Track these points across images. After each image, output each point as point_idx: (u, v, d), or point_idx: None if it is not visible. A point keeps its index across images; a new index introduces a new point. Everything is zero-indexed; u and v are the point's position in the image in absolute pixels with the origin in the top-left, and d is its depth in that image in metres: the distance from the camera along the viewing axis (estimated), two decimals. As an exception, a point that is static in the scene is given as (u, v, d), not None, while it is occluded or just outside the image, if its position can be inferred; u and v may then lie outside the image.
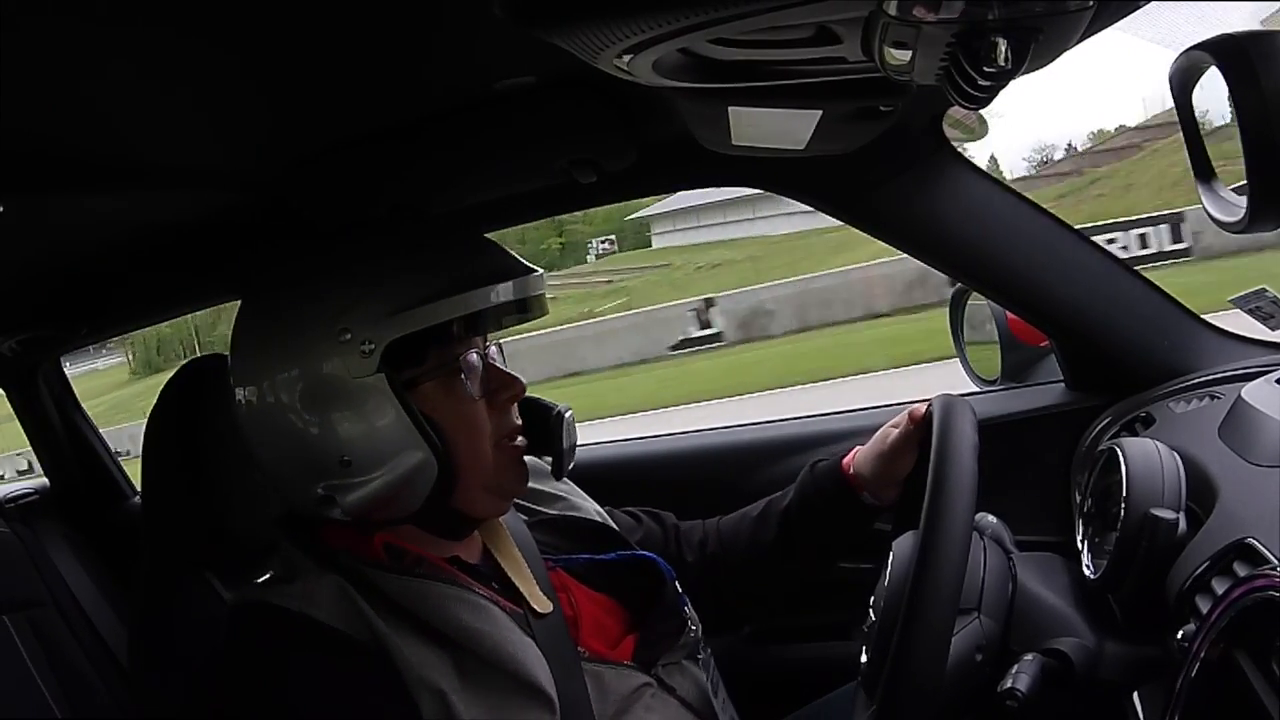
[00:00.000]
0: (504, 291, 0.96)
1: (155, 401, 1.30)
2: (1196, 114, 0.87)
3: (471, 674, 0.91)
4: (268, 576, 1.03)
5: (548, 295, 1.04)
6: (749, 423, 1.79)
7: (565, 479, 1.20)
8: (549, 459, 1.10)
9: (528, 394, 1.04)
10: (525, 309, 1.00)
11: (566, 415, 1.09)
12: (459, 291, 0.94)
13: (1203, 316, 1.40)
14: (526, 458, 1.05)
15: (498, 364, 1.02)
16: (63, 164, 0.98)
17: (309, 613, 0.90)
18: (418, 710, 0.88)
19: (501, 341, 1.07)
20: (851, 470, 1.20)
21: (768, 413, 1.82)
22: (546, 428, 1.08)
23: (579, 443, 1.13)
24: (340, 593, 0.91)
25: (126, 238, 1.33)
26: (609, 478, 1.47)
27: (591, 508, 1.23)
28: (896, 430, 1.17)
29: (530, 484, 1.08)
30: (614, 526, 1.22)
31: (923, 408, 1.13)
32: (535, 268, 1.02)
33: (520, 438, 1.03)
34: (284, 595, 0.93)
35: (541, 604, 1.02)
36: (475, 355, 0.99)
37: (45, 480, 1.98)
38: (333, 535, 0.99)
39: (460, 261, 0.98)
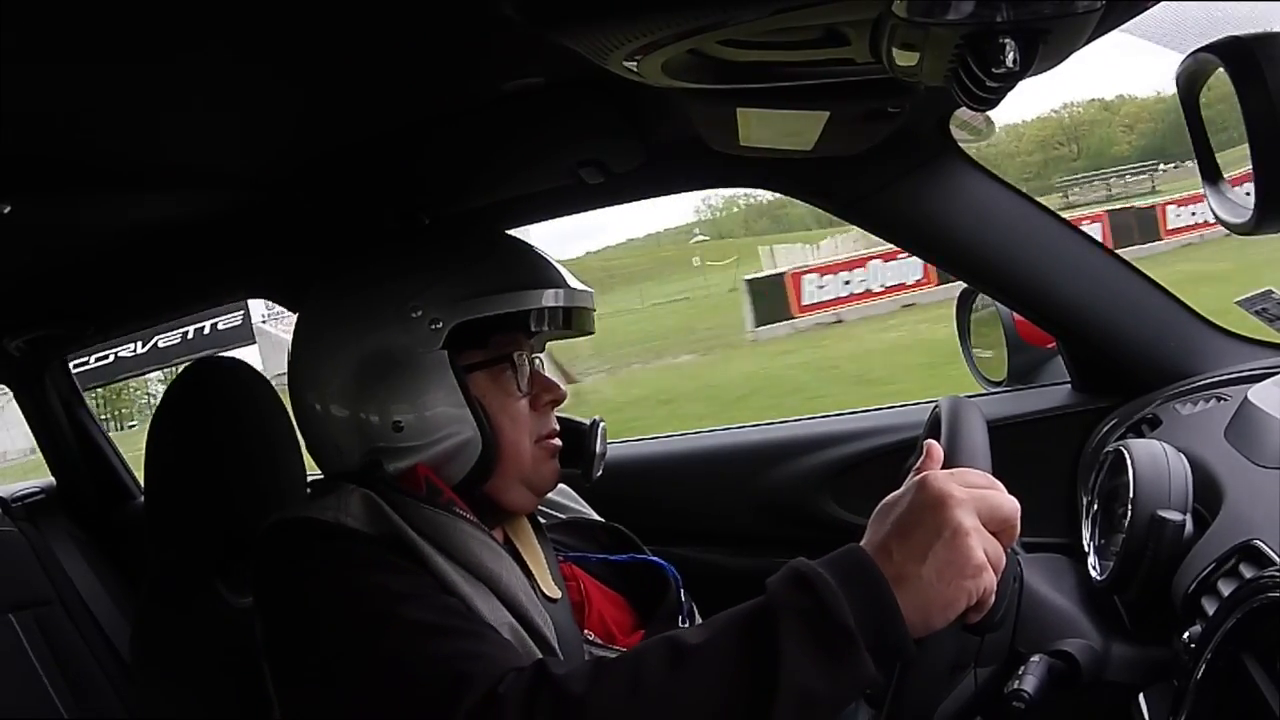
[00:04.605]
0: (566, 296, 1.05)
1: (159, 403, 1.30)
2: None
3: (489, 607, 0.92)
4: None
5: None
6: (758, 423, 1.79)
7: (577, 499, 1.27)
8: (577, 472, 1.17)
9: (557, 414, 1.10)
10: (577, 321, 1.07)
11: (600, 426, 1.18)
12: (528, 288, 1.02)
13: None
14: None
15: (542, 371, 1.09)
16: (72, 165, 0.98)
17: (341, 521, 0.92)
18: (461, 603, 0.89)
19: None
20: None
21: None
22: (578, 439, 1.16)
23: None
24: (369, 502, 0.93)
25: (135, 238, 1.33)
26: (621, 479, 1.46)
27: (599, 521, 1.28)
28: None
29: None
30: (625, 530, 1.24)
31: None
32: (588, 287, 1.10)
33: (556, 440, 1.09)
34: (314, 508, 0.94)
35: (552, 590, 1.05)
36: (524, 357, 1.05)
37: (52, 479, 1.98)
38: None
39: (527, 263, 1.06)
